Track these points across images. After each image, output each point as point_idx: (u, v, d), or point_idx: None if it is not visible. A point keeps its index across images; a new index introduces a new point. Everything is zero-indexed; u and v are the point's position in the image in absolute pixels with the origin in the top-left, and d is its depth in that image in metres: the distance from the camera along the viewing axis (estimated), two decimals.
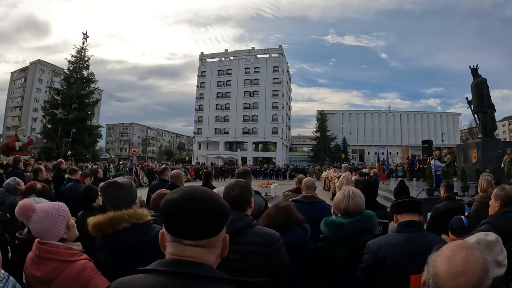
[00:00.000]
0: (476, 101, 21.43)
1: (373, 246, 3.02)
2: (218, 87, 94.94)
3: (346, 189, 3.62)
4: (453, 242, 1.42)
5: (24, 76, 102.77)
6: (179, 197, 1.38)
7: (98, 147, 50.66)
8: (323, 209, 4.82)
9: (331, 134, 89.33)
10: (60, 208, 2.70)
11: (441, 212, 5.90)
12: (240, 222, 2.99)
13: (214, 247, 1.41)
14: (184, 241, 1.35)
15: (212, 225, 1.39)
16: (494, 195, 3.84)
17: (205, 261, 1.36)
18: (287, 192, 7.15)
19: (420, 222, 3.15)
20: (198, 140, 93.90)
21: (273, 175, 53.05)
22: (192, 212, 1.34)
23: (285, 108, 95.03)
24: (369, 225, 3.47)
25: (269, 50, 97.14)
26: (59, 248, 2.50)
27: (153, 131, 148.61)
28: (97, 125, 46.27)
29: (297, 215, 3.58)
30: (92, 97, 43.07)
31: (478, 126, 22.37)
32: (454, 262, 1.31)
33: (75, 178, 8.94)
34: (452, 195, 6.59)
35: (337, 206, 3.56)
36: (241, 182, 3.37)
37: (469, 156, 21.09)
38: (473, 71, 21.82)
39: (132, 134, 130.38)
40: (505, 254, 2.25)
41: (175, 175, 6.43)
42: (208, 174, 8.68)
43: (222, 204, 1.43)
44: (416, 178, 27.32)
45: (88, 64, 42.64)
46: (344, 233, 3.35)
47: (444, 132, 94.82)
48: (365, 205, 3.60)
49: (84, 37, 42.56)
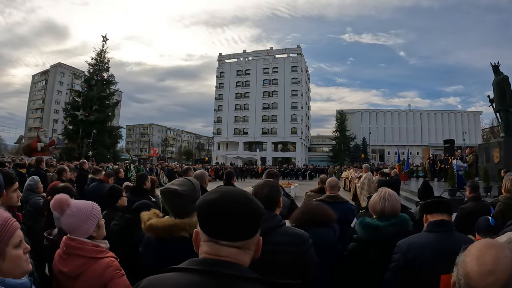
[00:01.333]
0: (498, 99, 20.99)
1: (403, 246, 3.02)
2: (237, 87, 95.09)
3: (383, 190, 3.60)
4: (480, 241, 1.42)
5: (45, 79, 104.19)
6: (218, 197, 1.38)
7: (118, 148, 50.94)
8: (347, 209, 4.83)
9: (351, 134, 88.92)
10: (93, 207, 2.80)
11: (467, 212, 5.85)
12: (269, 222, 2.95)
13: (248, 249, 1.41)
14: (220, 242, 1.35)
15: (249, 226, 1.39)
16: None
17: (240, 262, 1.36)
18: (310, 193, 7.11)
19: (450, 221, 3.15)
20: (218, 141, 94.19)
21: (292, 175, 52.78)
22: (231, 212, 1.35)
23: (304, 108, 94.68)
24: (404, 228, 3.43)
25: (287, 50, 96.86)
26: (86, 245, 2.56)
27: (173, 132, 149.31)
28: (118, 126, 46.67)
29: (328, 215, 3.59)
30: (112, 99, 43.38)
31: (500, 125, 22.03)
32: (483, 261, 1.30)
33: (99, 178, 9.05)
34: (477, 195, 6.54)
35: (373, 208, 3.55)
36: (270, 181, 3.36)
37: (491, 156, 20.70)
38: (494, 68, 21.43)
39: (151, 134, 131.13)
40: None
41: (199, 175, 6.35)
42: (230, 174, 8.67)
43: (258, 205, 1.44)
44: (438, 178, 26.93)
45: (108, 66, 42.96)
46: (379, 236, 3.34)
47: (465, 131, 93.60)
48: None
49: (104, 40, 42.93)
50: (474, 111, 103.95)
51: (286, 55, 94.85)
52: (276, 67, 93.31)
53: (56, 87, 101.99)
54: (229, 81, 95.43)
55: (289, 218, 3.56)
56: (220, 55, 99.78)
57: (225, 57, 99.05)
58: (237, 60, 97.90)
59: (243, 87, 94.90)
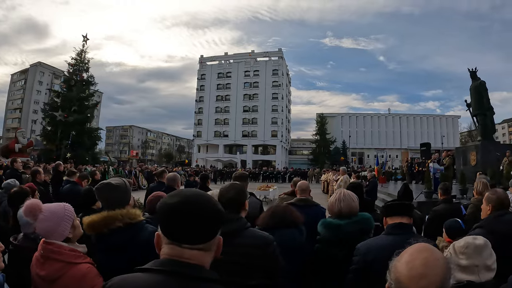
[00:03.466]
0: (475, 103, 21.55)
1: (362, 249, 3.07)
2: (218, 90, 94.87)
3: (339, 191, 3.69)
4: (413, 246, 1.43)
5: (24, 78, 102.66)
6: (177, 202, 1.39)
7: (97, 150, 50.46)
8: (318, 212, 4.85)
9: (331, 137, 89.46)
10: (66, 208, 2.78)
11: (438, 214, 5.92)
12: (234, 224, 3.02)
13: (209, 250, 1.44)
14: (181, 244, 1.38)
15: (210, 229, 1.43)
16: (485, 199, 3.85)
17: (202, 263, 1.40)
18: (283, 195, 7.16)
19: (409, 224, 3.19)
20: (198, 143, 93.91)
21: (272, 178, 53.24)
22: (192, 217, 1.37)
23: (285, 111, 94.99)
24: (366, 226, 3.53)
25: (268, 53, 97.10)
26: (64, 249, 2.54)
27: (153, 134, 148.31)
28: (97, 127, 45.90)
29: (294, 217, 3.60)
30: (92, 100, 42.79)
31: (477, 128, 22.50)
32: (413, 266, 1.31)
33: (73, 180, 8.99)
34: (449, 197, 6.66)
35: (331, 209, 3.65)
36: (236, 184, 3.43)
37: (468, 159, 21.12)
38: (472, 73, 21.97)
39: (131, 136, 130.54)
40: (494, 258, 2.25)
41: (172, 178, 6.48)
42: (204, 176, 8.77)
43: (218, 209, 1.46)
44: (416, 181, 27.39)
45: (88, 66, 42.35)
46: (342, 234, 3.40)
47: (444, 135, 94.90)
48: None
49: (84, 40, 42.35)
50: (453, 115, 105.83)
51: (267, 58, 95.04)
52: (257, 70, 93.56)
53: (36, 86, 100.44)
54: (210, 83, 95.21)
55: (257, 220, 3.59)
56: (201, 57, 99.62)
57: (206, 59, 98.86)
58: (218, 62, 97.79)
59: (224, 89, 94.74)
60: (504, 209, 3.60)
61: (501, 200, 3.63)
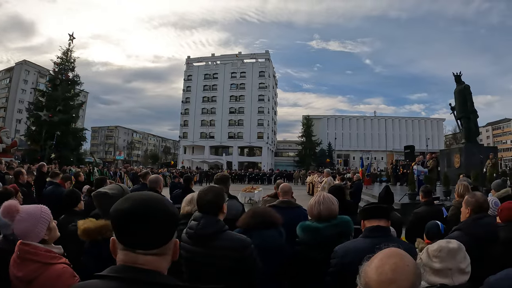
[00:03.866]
0: (459, 107, 21.96)
1: (340, 251, 3.09)
2: (204, 91, 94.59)
3: (318, 194, 3.70)
4: (383, 251, 1.44)
5: (9, 77, 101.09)
6: (130, 207, 1.38)
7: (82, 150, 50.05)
8: (300, 214, 4.88)
9: (317, 139, 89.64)
10: (42, 210, 2.78)
11: (419, 217, 5.99)
12: (212, 227, 3.10)
13: (165, 254, 1.44)
14: (136, 250, 1.37)
15: (163, 234, 1.42)
16: (464, 202, 3.90)
17: (158, 268, 1.39)
18: (266, 197, 7.20)
19: (387, 227, 3.22)
20: (184, 144, 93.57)
21: (258, 180, 53.11)
22: (144, 222, 1.36)
23: (271, 113, 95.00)
24: (345, 229, 3.53)
25: (255, 55, 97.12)
26: (39, 250, 2.54)
27: (139, 135, 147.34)
28: (82, 128, 45.36)
29: (272, 218, 3.63)
30: (77, 100, 42.35)
31: (462, 131, 22.90)
32: (383, 271, 1.32)
33: (56, 182, 8.94)
34: (430, 200, 6.71)
35: (310, 212, 3.65)
36: (214, 187, 3.49)
37: (452, 161, 21.46)
38: (456, 77, 22.39)
39: (117, 137, 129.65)
40: (468, 262, 2.28)
41: (154, 180, 6.41)
42: (188, 178, 8.77)
43: (172, 212, 1.45)
44: (400, 182, 27.47)
45: (74, 65, 41.84)
46: (320, 237, 3.41)
47: (429, 138, 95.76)
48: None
49: (70, 39, 41.86)
50: (438, 118, 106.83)
51: (254, 60, 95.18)
52: (244, 71, 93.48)
53: (21, 85, 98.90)
54: (197, 84, 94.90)
55: (237, 222, 3.61)
56: (188, 58, 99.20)
57: (193, 60, 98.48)
58: (205, 63, 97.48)
59: (210, 91, 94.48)
60: (483, 212, 3.65)
61: (479, 203, 3.67)
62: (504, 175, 16.84)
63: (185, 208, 4.45)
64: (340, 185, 6.66)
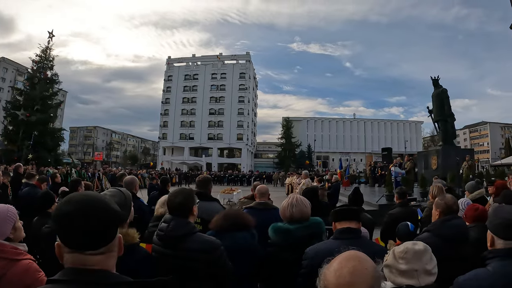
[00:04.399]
0: (436, 110, 22.35)
1: (311, 253, 3.11)
2: (185, 92, 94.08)
3: (291, 196, 3.73)
4: (342, 254, 1.45)
5: None
6: (72, 210, 1.37)
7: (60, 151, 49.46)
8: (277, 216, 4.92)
9: (296, 140, 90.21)
10: (9, 209, 2.82)
11: (394, 218, 6.06)
12: (181, 229, 3.11)
13: (112, 251, 1.46)
14: (83, 252, 1.37)
15: (109, 232, 1.43)
16: (434, 204, 3.95)
17: (107, 267, 1.41)
18: (243, 199, 7.22)
19: (357, 229, 3.27)
20: (163, 145, 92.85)
21: (237, 181, 53.03)
22: (88, 224, 1.35)
23: (251, 114, 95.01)
24: (316, 230, 3.56)
25: (236, 56, 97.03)
26: (6, 247, 2.56)
27: (118, 135, 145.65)
28: (60, 128, 44.72)
29: (244, 220, 3.65)
30: (55, 99, 41.73)
31: (439, 134, 23.19)
32: (341, 274, 1.32)
33: (32, 183, 8.86)
34: (404, 201, 6.81)
35: (283, 214, 3.67)
36: (185, 189, 3.50)
37: (429, 163, 21.80)
38: (434, 81, 22.82)
39: (96, 138, 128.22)
40: (434, 263, 2.31)
41: (129, 182, 6.24)
42: (164, 180, 8.72)
43: (114, 210, 1.46)
44: (378, 184, 27.82)
45: (53, 64, 41.18)
46: (292, 239, 3.44)
47: (407, 140, 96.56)
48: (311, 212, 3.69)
49: (50, 36, 41.09)
50: (416, 121, 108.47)
51: (235, 61, 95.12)
52: (225, 73, 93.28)
53: None
54: (177, 85, 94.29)
55: (210, 224, 3.63)
56: (169, 58, 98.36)
57: (174, 60, 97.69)
58: (185, 64, 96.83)
59: (190, 91, 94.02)
60: (452, 214, 3.71)
61: (448, 205, 3.73)
62: (481, 177, 17.09)
63: (159, 210, 4.47)
64: (313, 187, 6.72)
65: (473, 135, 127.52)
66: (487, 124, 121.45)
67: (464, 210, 4.51)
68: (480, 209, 4.24)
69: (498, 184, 7.00)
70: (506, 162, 48.82)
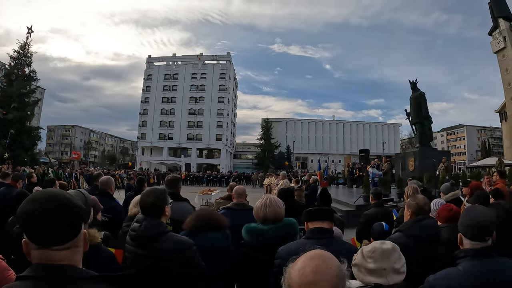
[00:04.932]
0: (414, 113, 22.80)
1: (283, 252, 3.12)
2: (164, 91, 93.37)
3: (265, 197, 3.75)
4: (307, 253, 1.45)
5: None
6: (36, 207, 1.38)
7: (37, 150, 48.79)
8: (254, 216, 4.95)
9: (276, 141, 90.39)
10: None
11: (369, 218, 6.10)
12: (153, 229, 3.11)
13: (78, 246, 1.47)
14: (50, 247, 1.39)
15: (74, 227, 1.44)
16: (406, 205, 4.00)
17: (73, 262, 1.43)
18: (219, 200, 7.23)
19: (329, 229, 3.30)
20: (142, 145, 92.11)
21: (216, 182, 52.96)
22: (53, 220, 1.37)
23: (230, 115, 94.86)
24: (290, 231, 3.58)
25: (217, 56, 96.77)
26: None
27: (96, 135, 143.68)
28: (37, 126, 43.79)
29: (218, 221, 3.64)
30: (33, 96, 40.66)
31: (416, 136, 23.63)
32: (304, 273, 1.32)
33: (7, 183, 8.75)
34: (380, 202, 6.89)
35: (256, 214, 3.69)
36: (157, 189, 3.48)
37: (407, 165, 22.17)
38: (412, 85, 23.37)
39: (74, 137, 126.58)
40: (403, 262, 2.33)
41: (104, 182, 6.22)
42: (140, 180, 8.72)
43: (79, 205, 1.47)
44: (356, 185, 28.02)
45: (31, 60, 40.20)
46: (264, 239, 3.47)
47: (385, 142, 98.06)
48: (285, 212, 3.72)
49: (29, 32, 40.13)
50: (394, 123, 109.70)
51: (215, 62, 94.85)
52: (205, 73, 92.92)
53: None
54: (157, 84, 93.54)
55: (183, 224, 3.62)
56: (149, 57, 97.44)
57: (154, 59, 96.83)
58: (166, 63, 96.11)
59: (170, 91, 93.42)
60: (424, 214, 3.77)
61: (420, 206, 3.77)
62: (457, 178, 17.38)
63: (132, 210, 4.45)
64: (289, 188, 6.75)
65: (450, 137, 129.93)
66: (464, 127, 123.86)
67: (436, 211, 4.59)
68: (454, 209, 4.31)
69: (473, 185, 7.15)
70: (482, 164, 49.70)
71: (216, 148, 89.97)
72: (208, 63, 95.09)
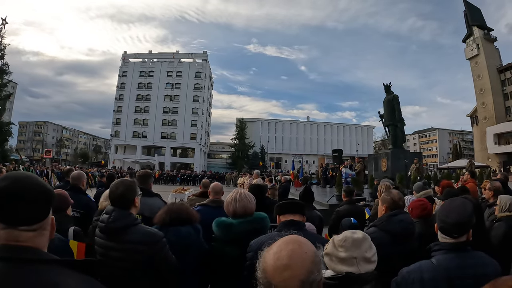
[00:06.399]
0: (387, 115, 23.25)
1: (254, 245, 3.12)
2: (139, 89, 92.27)
3: (235, 191, 3.77)
4: (283, 238, 1.45)
5: None
6: (7, 185, 1.37)
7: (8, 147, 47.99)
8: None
9: (250, 141, 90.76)
10: None
11: (340, 215, 6.15)
12: (122, 220, 3.10)
13: (45, 229, 1.45)
14: (17, 227, 1.37)
15: (43, 209, 1.44)
16: (381, 200, 4.04)
17: (38, 245, 1.41)
18: (192, 197, 7.24)
19: (301, 222, 3.31)
20: (115, 143, 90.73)
21: (190, 181, 52.89)
22: (24, 198, 1.37)
23: (205, 114, 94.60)
24: (260, 226, 3.59)
25: (193, 55, 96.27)
26: None
27: (69, 132, 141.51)
28: (8, 122, 43.18)
29: (188, 215, 3.64)
30: (5, 91, 40.11)
31: (389, 138, 24.07)
32: (280, 257, 1.33)
33: None
34: (351, 199, 7.02)
35: (226, 208, 3.70)
36: (126, 181, 3.48)
37: (379, 165, 22.55)
38: (386, 88, 23.89)
39: (46, 133, 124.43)
40: (374, 251, 2.34)
41: (76, 176, 6.06)
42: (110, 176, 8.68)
43: (46, 187, 1.47)
44: (330, 185, 28.26)
45: (4, 53, 39.74)
46: (234, 233, 3.47)
47: (359, 143, 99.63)
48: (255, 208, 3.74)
49: (3, 23, 39.56)
50: (368, 125, 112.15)
51: (191, 60, 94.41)
52: (180, 71, 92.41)
53: None
54: (131, 81, 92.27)
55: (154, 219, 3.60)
56: (124, 54, 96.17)
57: (129, 56, 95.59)
58: (141, 60, 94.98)
59: (145, 89, 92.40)
60: (398, 209, 3.80)
61: (394, 201, 3.80)
62: (428, 179, 17.69)
63: (103, 204, 4.39)
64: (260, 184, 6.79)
65: (422, 140, 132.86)
66: (436, 130, 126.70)
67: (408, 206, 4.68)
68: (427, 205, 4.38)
69: (444, 184, 7.30)
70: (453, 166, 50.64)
71: (191, 147, 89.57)
72: (184, 61, 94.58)
